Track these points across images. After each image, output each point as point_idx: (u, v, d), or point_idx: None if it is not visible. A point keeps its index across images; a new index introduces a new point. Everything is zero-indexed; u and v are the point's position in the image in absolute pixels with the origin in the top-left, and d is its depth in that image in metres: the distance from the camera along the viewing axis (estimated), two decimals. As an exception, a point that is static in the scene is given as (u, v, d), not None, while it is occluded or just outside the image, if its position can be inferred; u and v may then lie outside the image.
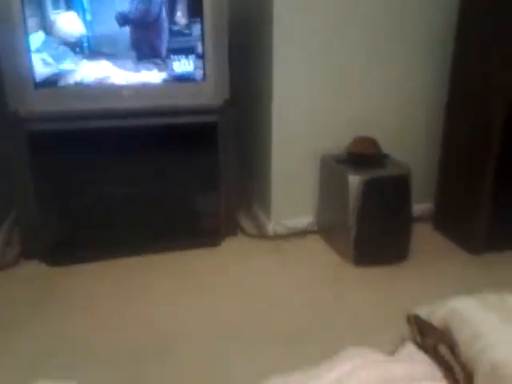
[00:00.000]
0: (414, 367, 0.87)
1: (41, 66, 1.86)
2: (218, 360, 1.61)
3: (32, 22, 1.80)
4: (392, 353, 1.00)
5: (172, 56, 1.97)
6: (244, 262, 2.19)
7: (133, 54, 1.93)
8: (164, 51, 1.96)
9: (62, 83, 1.91)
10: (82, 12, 1.83)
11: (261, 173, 2.47)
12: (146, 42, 1.93)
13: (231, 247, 2.32)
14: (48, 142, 1.95)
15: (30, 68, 1.84)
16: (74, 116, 1.93)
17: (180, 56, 1.97)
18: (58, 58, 1.87)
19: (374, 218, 2.11)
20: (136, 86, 1.97)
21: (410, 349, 0.95)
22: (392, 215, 2.13)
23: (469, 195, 2.25)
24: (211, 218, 2.29)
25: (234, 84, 2.09)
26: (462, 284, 2.02)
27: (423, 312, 1.04)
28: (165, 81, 1.99)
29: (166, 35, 1.93)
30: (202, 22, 1.94)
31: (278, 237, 2.38)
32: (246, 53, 2.46)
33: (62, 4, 1.81)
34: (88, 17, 1.84)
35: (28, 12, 1.77)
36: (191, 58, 1.98)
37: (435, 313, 1.00)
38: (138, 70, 1.95)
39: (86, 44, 1.87)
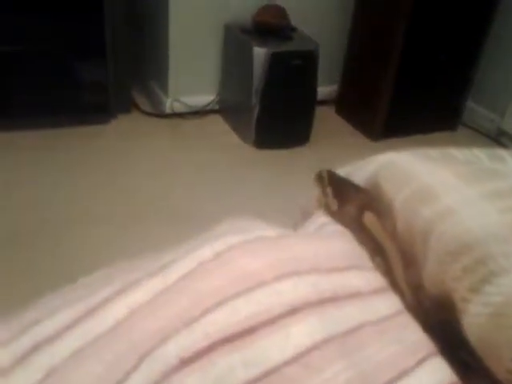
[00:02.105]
0: (327, 246, 0.54)
1: None
2: (102, 240, 1.48)
3: None
4: (294, 226, 0.72)
5: None
6: (137, 142, 2.00)
7: None
8: None
9: None
10: None
11: (157, 43, 2.19)
12: None
13: (123, 125, 2.09)
14: None
15: None
16: None
17: None
18: None
19: (277, 96, 1.99)
20: None
21: (321, 220, 0.63)
22: (296, 94, 2.03)
23: (372, 82, 2.22)
24: (98, 91, 2.01)
25: None
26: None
27: (342, 172, 0.77)
28: None
29: None
30: None
31: (175, 115, 2.19)
32: None
33: None
34: None
35: None
36: None
37: (358, 172, 0.73)
38: None
39: None
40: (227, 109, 2.22)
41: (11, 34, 1.79)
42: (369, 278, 0.51)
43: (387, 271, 0.55)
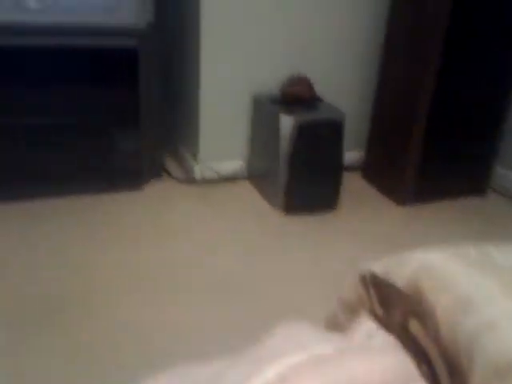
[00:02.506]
0: (379, 364, 0.55)
1: None
2: (140, 308, 1.48)
3: None
4: (342, 328, 0.72)
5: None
6: (168, 208, 2.05)
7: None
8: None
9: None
10: None
11: (188, 111, 2.29)
12: None
13: (154, 191, 2.15)
14: None
15: None
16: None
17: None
18: None
19: (305, 163, 2.03)
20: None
21: (368, 326, 0.65)
22: (323, 162, 2.06)
23: (399, 146, 2.23)
24: (132, 158, 2.09)
25: (160, 7, 1.86)
26: (390, 235, 2.01)
27: (379, 268, 0.74)
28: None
29: None
30: None
31: (205, 181, 2.24)
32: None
33: None
34: None
35: None
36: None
37: (397, 270, 0.71)
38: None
39: None
40: (256, 175, 2.27)
41: (53, 106, 1.90)
42: None
43: (434, 380, 0.54)
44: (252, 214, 2.06)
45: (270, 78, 2.16)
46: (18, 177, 1.94)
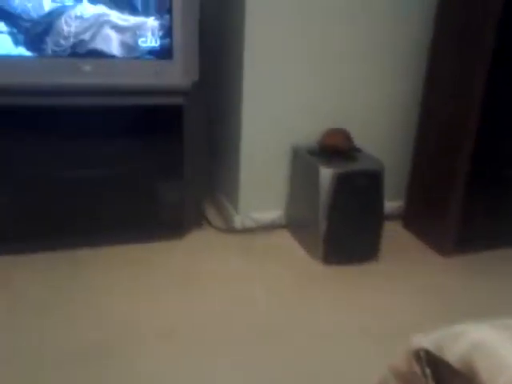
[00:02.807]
0: None
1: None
2: (177, 360, 1.49)
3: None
4: None
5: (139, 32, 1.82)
6: (208, 257, 2.07)
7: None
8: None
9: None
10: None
11: (229, 163, 2.35)
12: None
13: (196, 240, 2.19)
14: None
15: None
16: (25, 91, 1.75)
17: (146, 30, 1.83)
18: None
19: (344, 213, 2.03)
20: (96, 60, 1.81)
21: None
22: (363, 211, 2.05)
23: (440, 195, 2.20)
24: (174, 209, 2.15)
25: (202, 65, 1.97)
26: (433, 287, 1.97)
27: (430, 343, 0.75)
28: (127, 56, 1.84)
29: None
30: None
31: (245, 230, 2.27)
32: (216, 34, 2.34)
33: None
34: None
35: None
36: (157, 31, 1.84)
37: (450, 347, 0.71)
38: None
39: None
40: (295, 224, 2.28)
41: (102, 160, 2.01)
42: None
43: None
44: (291, 264, 2.06)
45: (309, 130, 2.21)
46: (64, 227, 2.02)
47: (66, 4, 1.72)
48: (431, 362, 0.66)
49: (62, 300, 1.73)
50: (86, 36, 1.76)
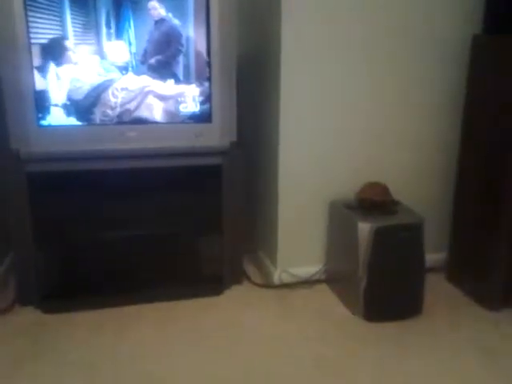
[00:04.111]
0: None
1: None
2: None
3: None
4: None
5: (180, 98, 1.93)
6: (248, 314, 2.07)
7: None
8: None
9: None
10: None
11: (267, 218, 2.39)
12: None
13: (235, 296, 2.21)
14: (48, 183, 1.91)
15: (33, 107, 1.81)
16: (75, 157, 1.88)
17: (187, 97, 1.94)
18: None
19: (385, 268, 2.01)
20: (140, 127, 1.92)
21: None
22: (404, 266, 2.02)
23: (485, 247, 2.15)
24: (214, 265, 2.19)
25: (240, 125, 2.05)
26: (480, 344, 1.89)
27: None
28: (170, 121, 1.95)
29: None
30: (209, 61, 1.91)
31: (284, 285, 2.27)
32: (253, 94, 2.43)
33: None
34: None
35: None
36: (197, 97, 1.95)
37: None
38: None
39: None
40: (334, 279, 2.26)
41: (145, 218, 2.09)
42: None
43: None
44: (331, 321, 2.03)
45: (347, 184, 2.23)
46: (109, 285, 2.09)
47: (113, 77, 1.85)
48: None
49: (104, 359, 1.76)
50: (132, 105, 1.88)
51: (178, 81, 1.92)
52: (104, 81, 1.84)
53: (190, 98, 1.93)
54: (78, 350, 1.80)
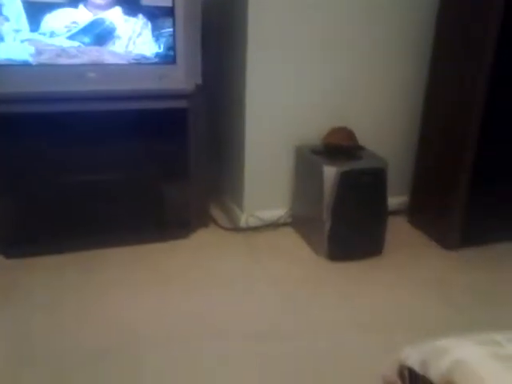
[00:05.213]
0: None
1: None
2: (185, 359, 1.53)
3: None
4: None
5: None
6: (215, 256, 2.11)
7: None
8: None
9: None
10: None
11: (234, 163, 2.38)
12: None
13: (202, 240, 2.23)
14: (5, 127, 1.83)
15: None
16: (32, 98, 1.79)
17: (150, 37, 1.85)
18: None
19: (348, 211, 2.05)
20: (101, 67, 1.84)
21: None
22: (367, 209, 2.08)
23: (445, 190, 2.22)
24: (181, 209, 2.19)
25: (205, 69, 1.99)
26: (438, 281, 1.99)
27: (415, 357, 0.78)
28: (131, 63, 1.87)
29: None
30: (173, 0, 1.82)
31: (250, 229, 2.30)
32: (220, 38, 2.35)
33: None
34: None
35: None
36: (160, 37, 1.87)
37: (432, 362, 0.75)
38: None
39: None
40: (299, 222, 2.31)
41: (108, 163, 2.05)
42: None
43: None
44: (296, 261, 2.10)
45: (312, 129, 2.23)
46: (72, 229, 2.07)
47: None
48: (413, 378, 0.69)
49: (70, 301, 1.77)
50: (90, 45, 1.79)
51: (138, 18, 1.83)
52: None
53: (152, 38, 1.85)
54: (43, 293, 1.80)
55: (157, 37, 1.87)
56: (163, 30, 1.86)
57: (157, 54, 1.89)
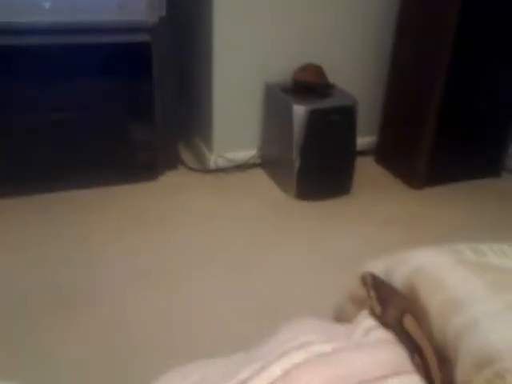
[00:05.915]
0: (374, 357, 0.61)
1: None
2: (154, 296, 1.54)
3: None
4: (350, 320, 0.76)
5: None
6: (183, 197, 2.09)
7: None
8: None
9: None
10: None
11: (202, 102, 2.32)
12: None
13: (170, 181, 2.20)
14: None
15: None
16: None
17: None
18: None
19: (317, 150, 2.05)
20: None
21: (367, 323, 0.70)
22: (336, 148, 2.08)
23: (412, 129, 2.24)
24: (147, 150, 2.14)
25: (171, 0, 1.89)
26: (404, 218, 2.04)
27: (379, 268, 0.80)
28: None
29: None
30: None
31: (219, 170, 2.28)
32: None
33: None
34: None
35: None
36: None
37: (395, 271, 0.77)
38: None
39: None
40: (269, 162, 2.30)
41: (68, 102, 1.96)
42: (408, 381, 0.59)
43: (425, 369, 0.61)
44: (265, 201, 2.10)
45: (283, 67, 2.18)
46: (35, 171, 2.00)
47: None
48: (376, 284, 0.72)
49: (33, 241, 1.74)
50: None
51: None
52: None
53: (110, -38, 1.73)
54: (5, 237, 1.76)
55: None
56: (122, -44, 1.74)
57: (116, -17, 1.77)
